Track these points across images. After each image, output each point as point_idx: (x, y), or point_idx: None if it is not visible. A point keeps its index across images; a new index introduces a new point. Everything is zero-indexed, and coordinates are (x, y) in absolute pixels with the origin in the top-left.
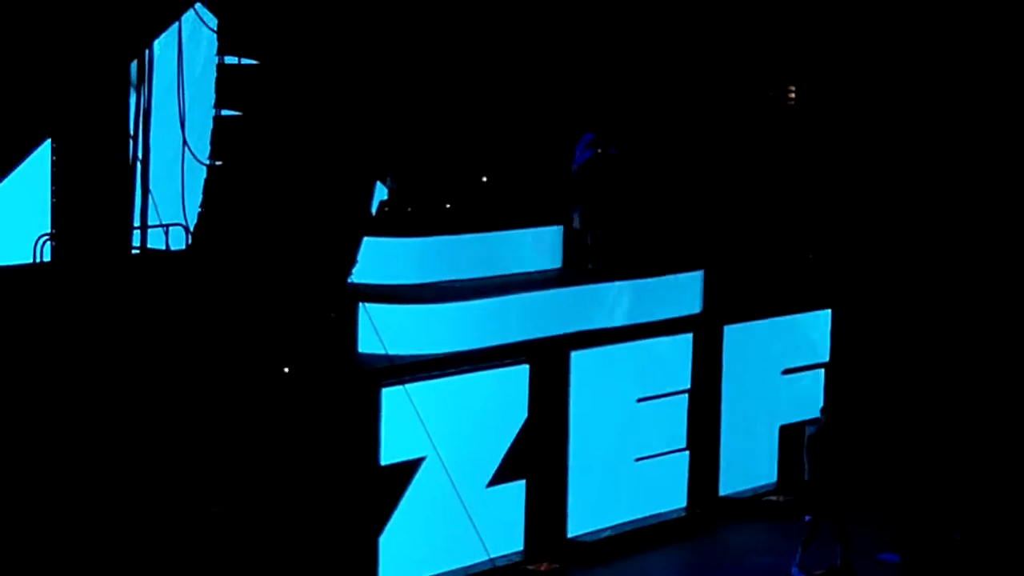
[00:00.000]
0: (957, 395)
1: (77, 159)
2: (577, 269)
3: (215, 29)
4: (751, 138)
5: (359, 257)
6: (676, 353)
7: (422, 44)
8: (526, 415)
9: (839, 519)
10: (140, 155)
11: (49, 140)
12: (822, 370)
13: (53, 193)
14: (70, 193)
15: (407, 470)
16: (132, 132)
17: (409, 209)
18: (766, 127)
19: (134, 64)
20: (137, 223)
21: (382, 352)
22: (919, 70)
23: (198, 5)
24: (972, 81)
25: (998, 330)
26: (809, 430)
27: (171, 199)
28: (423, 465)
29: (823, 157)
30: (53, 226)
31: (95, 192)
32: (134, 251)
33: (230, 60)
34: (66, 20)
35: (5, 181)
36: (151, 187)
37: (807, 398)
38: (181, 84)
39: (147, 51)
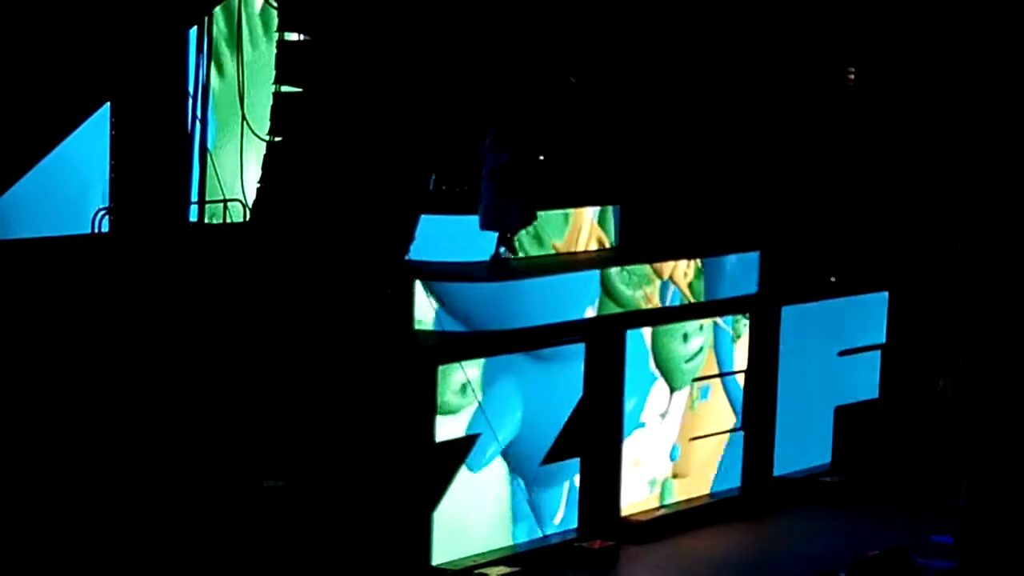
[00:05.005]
0: (1016, 382)
1: (135, 132)
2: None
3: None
4: (809, 120)
5: (416, 234)
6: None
7: (484, 24)
8: (581, 393)
9: None
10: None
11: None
12: (878, 352)
13: (111, 167)
14: (128, 166)
15: (462, 447)
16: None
17: (466, 187)
18: (824, 108)
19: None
20: (195, 198)
21: (438, 329)
22: (979, 51)
23: None
24: None
25: None
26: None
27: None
28: (478, 442)
29: (882, 139)
30: (111, 199)
31: (153, 166)
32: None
33: (290, 36)
34: None
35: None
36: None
37: (863, 379)
38: (240, 58)
39: (206, 21)
